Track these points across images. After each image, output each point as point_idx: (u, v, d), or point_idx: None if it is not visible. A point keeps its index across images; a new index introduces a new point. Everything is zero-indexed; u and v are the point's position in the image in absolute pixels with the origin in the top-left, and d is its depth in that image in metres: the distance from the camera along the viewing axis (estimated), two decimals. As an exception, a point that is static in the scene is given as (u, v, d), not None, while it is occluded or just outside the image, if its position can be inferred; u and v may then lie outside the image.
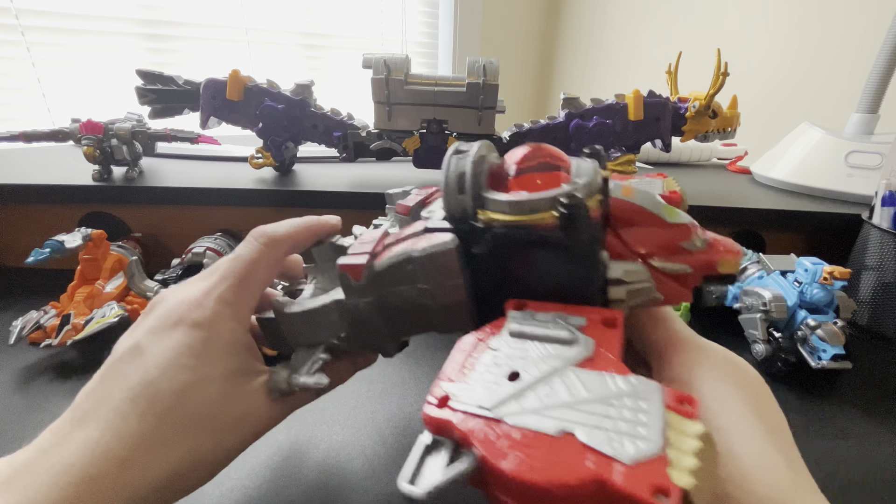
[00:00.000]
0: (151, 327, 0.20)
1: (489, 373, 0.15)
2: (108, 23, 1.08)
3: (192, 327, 0.19)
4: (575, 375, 0.14)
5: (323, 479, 0.28)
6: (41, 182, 0.49)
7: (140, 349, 0.19)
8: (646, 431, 0.12)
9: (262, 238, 0.23)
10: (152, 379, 0.18)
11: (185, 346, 0.19)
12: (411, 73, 0.49)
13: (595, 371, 0.14)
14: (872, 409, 0.36)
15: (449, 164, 0.18)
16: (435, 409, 0.14)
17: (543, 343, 0.16)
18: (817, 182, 0.61)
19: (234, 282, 0.21)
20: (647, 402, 0.13)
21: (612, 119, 0.50)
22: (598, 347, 0.15)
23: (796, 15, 0.97)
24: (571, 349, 0.15)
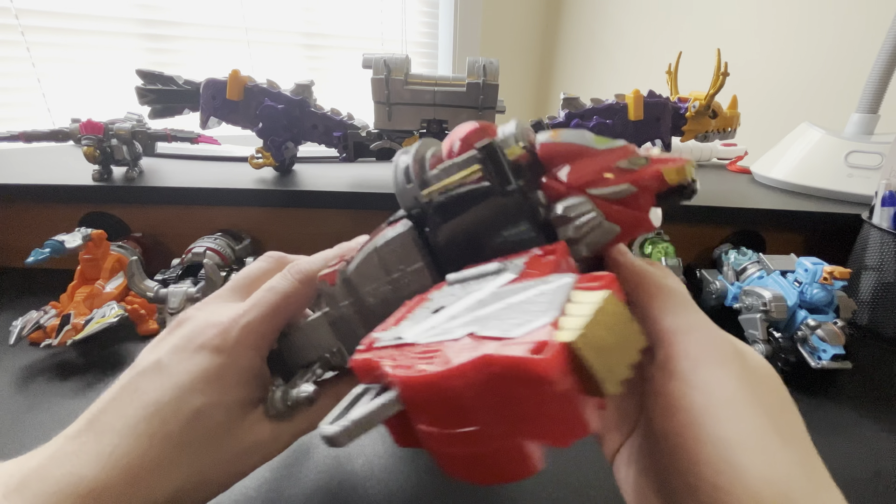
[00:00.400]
0: (175, 346, 0.20)
1: (418, 315, 0.14)
2: (108, 23, 1.08)
3: (214, 352, 0.20)
4: (493, 294, 0.13)
5: (323, 479, 0.28)
6: (41, 182, 0.49)
7: (160, 367, 0.19)
8: (542, 308, 0.11)
9: (299, 275, 0.22)
10: (167, 400, 0.18)
11: (203, 371, 0.19)
12: (411, 73, 0.49)
13: (513, 283, 0.13)
14: (872, 409, 0.36)
15: (396, 163, 0.20)
16: (361, 352, 0.14)
17: (475, 280, 0.15)
18: (817, 182, 0.61)
19: (266, 313, 0.21)
20: (554, 287, 0.12)
21: (612, 119, 0.50)
22: (526, 269, 0.14)
23: (796, 15, 0.97)
24: (499, 277, 0.14)
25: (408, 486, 0.28)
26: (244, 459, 0.20)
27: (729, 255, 0.49)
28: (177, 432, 0.18)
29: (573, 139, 0.16)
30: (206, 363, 0.19)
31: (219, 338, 0.20)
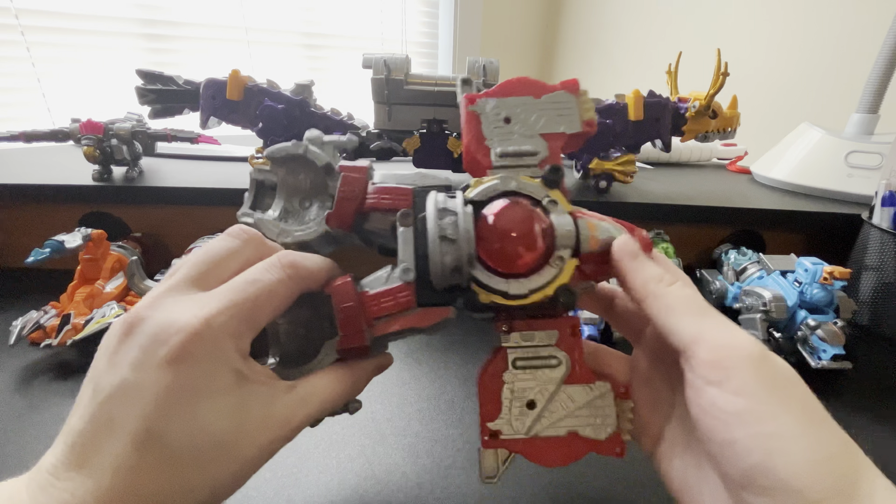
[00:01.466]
0: (137, 362, 0.17)
1: (514, 407, 0.21)
2: (108, 23, 1.08)
3: (188, 365, 0.17)
4: (566, 394, 0.22)
5: (323, 480, 0.28)
6: (41, 182, 0.49)
7: (128, 390, 0.17)
8: (608, 420, 0.22)
9: (289, 269, 0.20)
10: (155, 429, 0.16)
11: (188, 385, 0.17)
12: (411, 73, 0.49)
13: (575, 385, 0.22)
14: (872, 409, 0.36)
15: (439, 253, 0.20)
16: (490, 441, 0.21)
17: (539, 370, 0.22)
18: (817, 182, 0.61)
19: (246, 311, 0.18)
20: (605, 397, 0.22)
21: (612, 119, 0.50)
22: (572, 361, 0.22)
23: (796, 15, 0.97)
24: (557, 370, 0.22)
25: (407, 487, 0.28)
26: (256, 457, 0.19)
27: (729, 255, 0.49)
28: (181, 452, 0.17)
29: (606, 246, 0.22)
30: (182, 379, 0.17)
31: (189, 346, 0.17)
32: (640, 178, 0.63)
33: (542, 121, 0.23)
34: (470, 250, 0.20)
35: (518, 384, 0.22)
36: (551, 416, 0.21)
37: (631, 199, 0.52)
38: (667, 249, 0.49)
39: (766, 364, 0.17)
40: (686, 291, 0.19)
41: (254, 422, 0.18)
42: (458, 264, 0.20)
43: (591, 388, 0.22)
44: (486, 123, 0.23)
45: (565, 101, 0.24)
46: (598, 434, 0.21)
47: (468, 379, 0.37)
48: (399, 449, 0.30)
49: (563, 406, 0.22)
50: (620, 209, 0.52)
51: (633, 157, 0.53)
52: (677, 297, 0.19)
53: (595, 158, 0.53)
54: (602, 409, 0.21)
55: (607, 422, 0.21)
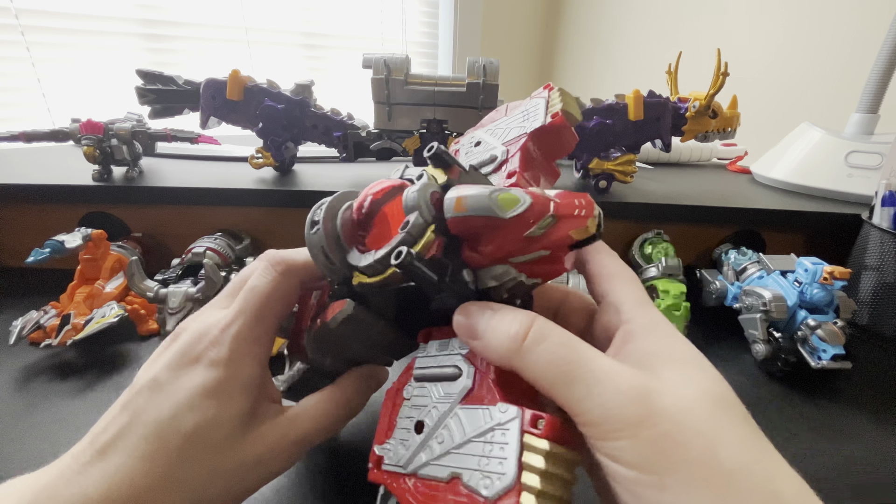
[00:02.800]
0: (170, 362, 0.20)
1: (402, 428, 0.18)
2: (108, 23, 1.08)
3: (209, 367, 0.19)
4: (458, 417, 0.16)
5: (321, 480, 0.28)
6: (41, 182, 0.49)
7: (157, 385, 0.19)
8: (504, 467, 0.14)
9: (279, 266, 0.21)
10: (165, 419, 0.18)
11: (199, 387, 0.19)
12: (411, 73, 0.49)
13: (472, 406, 0.16)
14: (872, 409, 0.36)
15: (309, 242, 0.20)
16: (373, 471, 0.19)
17: (438, 383, 0.18)
18: (817, 182, 0.61)
19: (251, 317, 0.20)
20: (507, 431, 0.15)
21: (612, 119, 0.50)
22: (476, 375, 0.17)
23: (796, 15, 0.97)
24: (457, 384, 0.17)
25: (408, 486, 0.28)
26: (248, 474, 0.20)
27: (729, 255, 0.49)
28: (176, 451, 0.18)
29: (477, 211, 0.16)
30: (202, 378, 0.19)
31: (213, 350, 0.20)
32: (640, 178, 0.63)
33: (508, 132, 0.23)
34: (331, 232, 0.20)
35: (415, 400, 0.18)
36: (435, 447, 0.16)
37: (631, 199, 0.52)
38: (667, 249, 0.49)
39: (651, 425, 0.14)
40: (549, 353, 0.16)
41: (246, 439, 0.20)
42: (323, 247, 0.19)
43: (490, 412, 0.15)
44: (462, 154, 0.25)
45: (533, 106, 0.23)
46: (486, 489, 0.14)
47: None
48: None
49: (451, 435, 0.16)
50: (620, 209, 0.52)
51: (633, 157, 0.53)
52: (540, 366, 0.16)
53: (595, 158, 0.53)
54: (497, 447, 0.15)
55: (500, 469, 0.14)
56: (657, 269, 0.45)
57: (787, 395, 0.37)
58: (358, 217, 0.20)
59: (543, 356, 0.15)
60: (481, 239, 0.17)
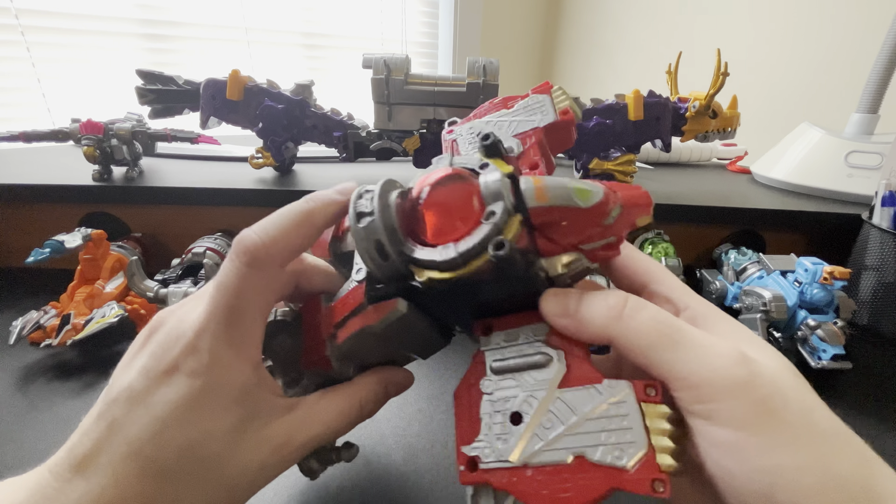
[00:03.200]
0: (145, 368, 0.17)
1: (495, 423, 0.17)
2: (108, 23, 1.08)
3: (190, 376, 0.17)
4: (562, 400, 0.16)
5: (322, 480, 0.28)
6: (41, 182, 0.49)
7: (133, 395, 0.17)
8: (632, 436, 0.15)
9: (244, 257, 0.18)
10: (149, 436, 0.16)
11: (184, 399, 0.17)
12: (411, 73, 0.49)
13: (575, 388, 0.16)
14: (872, 409, 0.36)
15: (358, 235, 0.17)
16: (468, 473, 0.17)
17: (525, 372, 0.17)
18: (817, 182, 0.61)
19: (223, 321, 0.18)
20: (624, 404, 0.15)
21: (612, 119, 0.50)
22: (567, 358, 0.17)
23: (796, 15, 0.97)
24: (549, 370, 0.17)
25: (407, 486, 0.28)
26: (252, 480, 0.18)
27: (729, 255, 0.49)
28: (167, 468, 0.17)
29: (561, 201, 0.16)
30: (185, 390, 0.17)
31: (191, 359, 0.17)
32: (640, 178, 0.63)
33: (515, 125, 0.23)
34: (388, 222, 0.17)
35: (499, 393, 0.17)
36: (545, 433, 0.16)
37: (631, 199, 0.52)
38: (667, 249, 0.49)
39: (755, 387, 0.15)
40: (650, 319, 0.16)
41: (247, 445, 0.18)
42: (379, 239, 0.17)
43: (597, 390, 0.16)
44: (463, 145, 0.23)
45: (538, 101, 0.23)
46: (621, 459, 0.15)
47: (468, 379, 0.37)
48: (399, 449, 0.30)
49: (559, 418, 0.16)
50: (620, 209, 0.52)
51: (633, 157, 0.53)
52: (641, 332, 0.16)
53: (595, 158, 0.53)
54: (622, 420, 0.15)
55: (629, 438, 0.15)
56: (657, 269, 0.45)
57: (787, 395, 0.37)
58: (413, 206, 0.18)
59: (645, 322, 0.16)
60: (558, 228, 0.17)
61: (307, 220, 0.19)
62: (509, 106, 0.23)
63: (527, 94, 0.23)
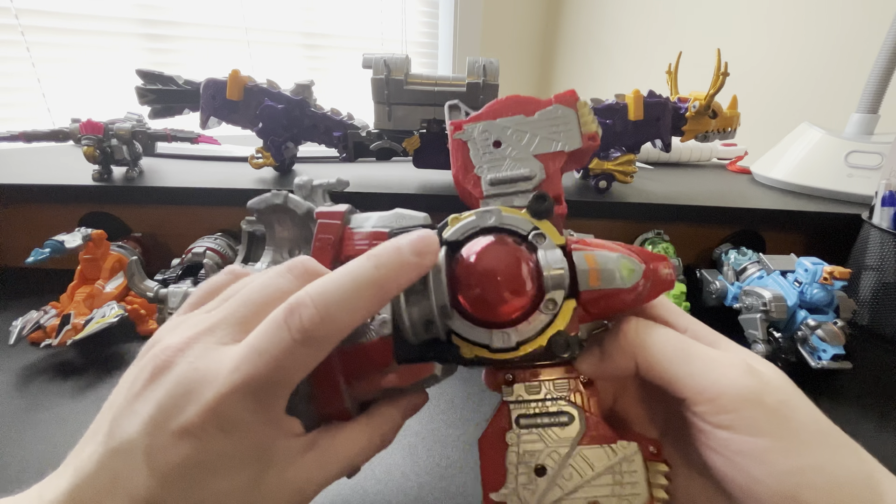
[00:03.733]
0: (153, 422, 0.15)
1: (521, 473, 0.18)
2: (108, 23, 1.08)
3: (205, 441, 0.15)
4: (581, 457, 0.18)
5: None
6: (41, 182, 0.49)
7: (139, 451, 0.15)
8: (637, 489, 0.18)
9: (297, 334, 0.15)
10: (159, 494, 0.15)
11: (195, 462, 0.15)
12: (411, 73, 0.49)
13: (594, 447, 0.18)
14: (872, 409, 0.36)
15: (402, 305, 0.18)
16: None
17: (549, 428, 0.19)
18: (817, 182, 0.61)
19: (256, 391, 0.16)
20: (632, 462, 0.18)
21: (612, 119, 0.50)
22: (587, 416, 0.19)
23: (796, 15, 0.97)
24: (571, 428, 0.19)
25: (407, 487, 0.28)
26: None
27: (729, 255, 0.49)
28: None
29: (612, 284, 0.18)
30: (197, 454, 0.15)
31: (209, 423, 0.15)
32: (640, 178, 0.63)
33: (536, 140, 0.21)
34: (442, 302, 0.17)
35: (524, 447, 0.19)
36: (566, 484, 0.18)
37: (631, 199, 0.52)
38: (667, 249, 0.49)
39: (768, 395, 0.16)
40: (663, 335, 0.18)
41: (265, 492, 0.16)
42: (429, 318, 0.17)
43: (612, 449, 0.18)
44: (474, 150, 0.21)
45: (562, 116, 0.21)
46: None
47: (468, 379, 0.37)
48: (399, 449, 0.30)
49: (579, 473, 0.18)
50: (620, 209, 0.52)
51: (633, 157, 0.53)
52: (658, 347, 0.18)
53: (595, 158, 0.53)
54: (628, 475, 0.18)
55: (636, 491, 0.18)
56: (657, 269, 0.45)
57: (787, 395, 0.37)
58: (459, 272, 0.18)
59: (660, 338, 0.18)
60: (598, 303, 0.18)
61: (377, 293, 0.16)
62: (529, 112, 0.22)
63: (550, 100, 0.22)
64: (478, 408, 0.34)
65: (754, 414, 0.15)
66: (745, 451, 0.15)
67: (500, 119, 0.22)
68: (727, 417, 0.16)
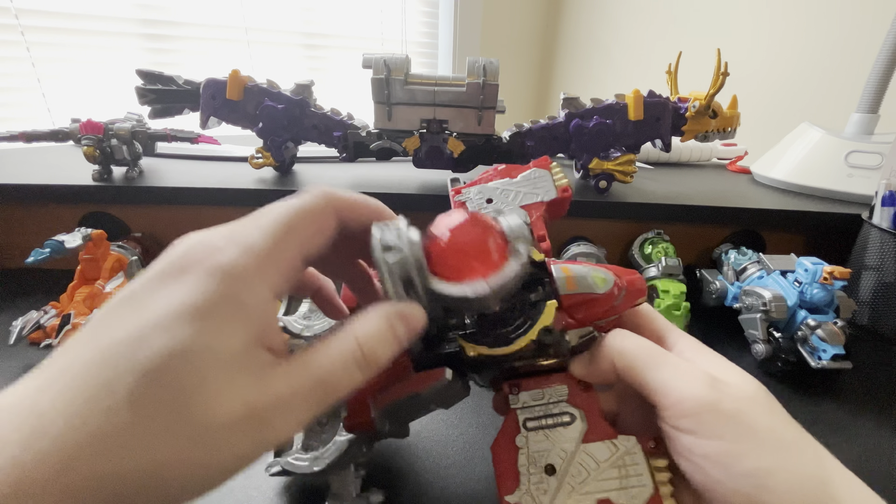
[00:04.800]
0: (156, 272, 0.15)
1: (532, 474, 0.20)
2: (108, 23, 1.08)
3: (203, 276, 0.14)
4: (586, 453, 0.20)
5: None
6: (41, 182, 0.49)
7: (132, 299, 0.14)
8: (642, 481, 0.19)
9: (319, 192, 0.18)
10: (122, 343, 0.13)
11: (185, 303, 0.13)
12: (411, 73, 0.49)
13: (597, 443, 0.20)
14: (872, 409, 0.36)
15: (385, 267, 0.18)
16: None
17: (554, 429, 0.21)
18: (817, 182, 0.61)
19: (269, 230, 0.16)
20: (634, 455, 0.20)
21: (612, 119, 0.50)
22: (588, 416, 0.21)
23: (796, 15, 0.97)
24: (574, 427, 0.21)
25: (408, 487, 0.28)
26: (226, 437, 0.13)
27: (729, 255, 0.49)
28: (125, 390, 0.12)
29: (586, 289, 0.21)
30: (191, 292, 0.14)
31: (210, 258, 0.14)
32: (640, 178, 0.63)
33: (520, 196, 0.27)
34: (415, 256, 0.18)
35: (533, 447, 0.20)
36: (574, 481, 0.19)
37: (631, 199, 0.52)
38: (667, 249, 0.49)
39: (725, 402, 0.17)
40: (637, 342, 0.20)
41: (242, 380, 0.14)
42: (407, 273, 0.18)
43: (614, 444, 0.20)
44: (471, 207, 0.27)
45: (539, 176, 0.27)
46: (635, 501, 0.19)
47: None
48: (399, 449, 0.30)
49: (585, 468, 0.19)
50: (620, 209, 0.52)
51: (633, 157, 0.53)
52: (632, 352, 0.20)
53: (595, 158, 0.53)
54: (632, 468, 0.19)
55: (642, 482, 0.19)
56: (657, 269, 0.45)
57: (787, 394, 0.37)
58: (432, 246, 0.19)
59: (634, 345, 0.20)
60: (579, 309, 0.21)
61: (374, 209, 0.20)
62: (513, 175, 0.28)
63: (529, 165, 0.28)
64: (477, 409, 0.34)
65: (711, 419, 0.17)
66: (706, 455, 0.17)
67: (490, 183, 0.28)
68: (688, 422, 0.17)
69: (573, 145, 0.51)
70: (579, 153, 0.53)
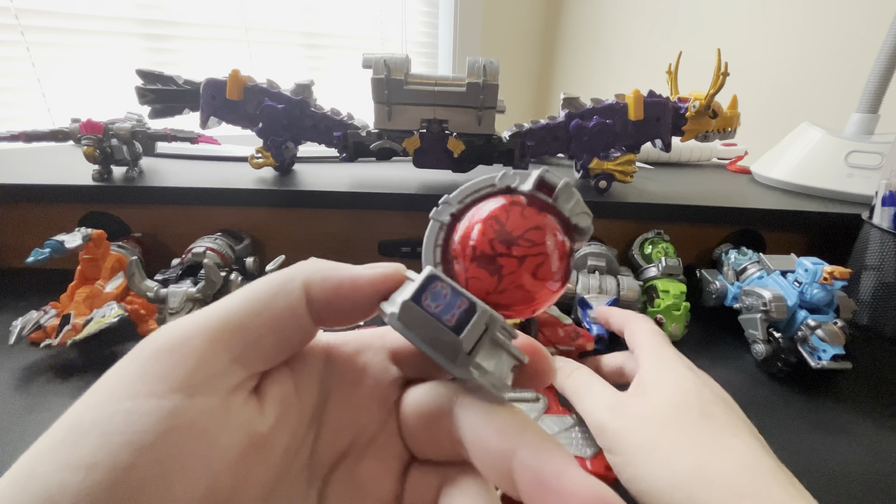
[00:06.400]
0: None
1: None
2: (108, 23, 1.08)
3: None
4: (547, 422, 0.29)
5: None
6: (41, 182, 0.49)
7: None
8: (589, 442, 0.27)
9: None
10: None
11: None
12: (411, 73, 0.49)
13: (554, 416, 0.29)
14: (872, 409, 0.36)
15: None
16: None
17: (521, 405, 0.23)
18: (817, 182, 0.61)
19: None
20: (581, 426, 0.28)
21: (612, 119, 0.50)
22: (548, 397, 0.30)
23: (796, 15, 0.97)
24: (539, 405, 0.29)
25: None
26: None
27: (729, 255, 0.49)
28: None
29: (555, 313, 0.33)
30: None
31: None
32: (640, 178, 0.63)
33: None
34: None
35: None
36: None
37: (631, 199, 0.52)
38: (667, 249, 0.49)
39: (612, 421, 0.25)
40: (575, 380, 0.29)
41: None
42: None
43: (568, 418, 0.29)
44: None
45: None
46: (585, 452, 0.26)
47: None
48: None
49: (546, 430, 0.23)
50: (620, 209, 0.52)
51: (633, 157, 0.53)
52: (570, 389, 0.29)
53: (595, 158, 0.53)
54: (583, 433, 0.27)
55: (588, 443, 0.27)
56: (657, 269, 0.45)
57: (787, 395, 0.37)
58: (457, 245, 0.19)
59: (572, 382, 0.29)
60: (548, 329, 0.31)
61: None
62: None
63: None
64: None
65: (602, 437, 0.25)
66: (613, 465, 0.24)
67: None
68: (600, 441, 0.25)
69: (573, 145, 0.51)
70: (579, 153, 0.53)
